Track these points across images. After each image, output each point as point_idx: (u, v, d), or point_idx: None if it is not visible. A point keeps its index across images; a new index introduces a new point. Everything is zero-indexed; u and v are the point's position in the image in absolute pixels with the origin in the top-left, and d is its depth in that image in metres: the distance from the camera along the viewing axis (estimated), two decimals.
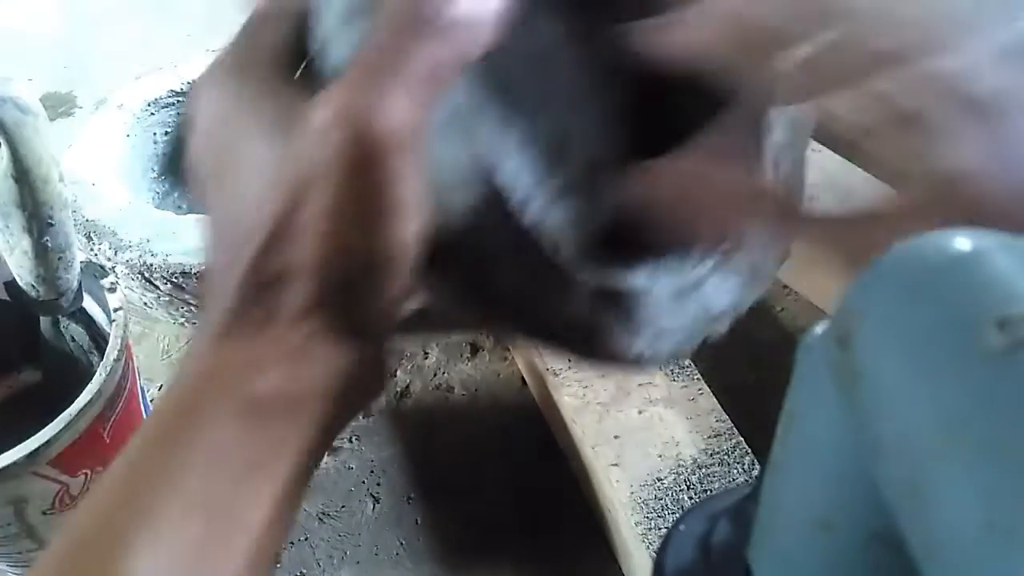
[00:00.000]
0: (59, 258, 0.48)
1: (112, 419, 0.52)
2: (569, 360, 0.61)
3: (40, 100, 0.44)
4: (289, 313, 0.24)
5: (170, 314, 0.68)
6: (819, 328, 0.23)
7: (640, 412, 0.59)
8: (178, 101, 0.80)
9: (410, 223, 0.23)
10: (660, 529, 0.52)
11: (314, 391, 0.24)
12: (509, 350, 0.71)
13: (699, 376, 0.61)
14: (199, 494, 0.22)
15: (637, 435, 0.57)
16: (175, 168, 0.82)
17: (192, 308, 0.66)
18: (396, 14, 0.23)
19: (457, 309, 0.29)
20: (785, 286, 0.77)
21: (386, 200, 0.22)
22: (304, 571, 0.59)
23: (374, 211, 0.23)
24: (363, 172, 0.22)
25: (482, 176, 0.25)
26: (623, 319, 0.29)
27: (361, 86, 0.22)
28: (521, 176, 0.26)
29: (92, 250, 0.64)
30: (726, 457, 0.56)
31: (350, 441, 0.66)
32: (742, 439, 0.57)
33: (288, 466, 0.23)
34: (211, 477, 0.22)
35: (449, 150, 0.25)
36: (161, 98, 0.78)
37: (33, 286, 0.50)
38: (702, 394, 0.60)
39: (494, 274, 0.27)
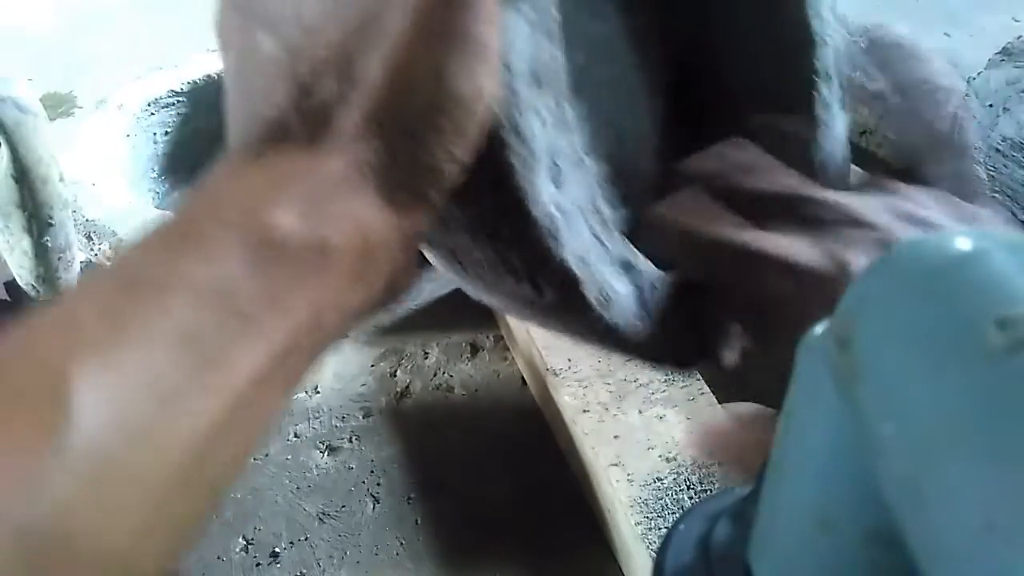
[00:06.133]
0: (59, 258, 0.48)
1: None
2: (569, 360, 0.61)
3: (40, 100, 0.44)
4: (331, 139, 0.21)
5: None
6: (819, 328, 0.23)
7: (640, 412, 0.59)
8: (178, 101, 0.80)
9: (487, 71, 0.21)
10: (660, 529, 0.52)
11: (337, 242, 0.20)
12: (509, 350, 0.71)
13: (699, 376, 0.61)
14: (180, 324, 0.19)
15: (637, 435, 0.57)
16: (175, 168, 0.82)
17: None
18: None
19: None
20: None
21: (467, 36, 0.20)
22: (304, 571, 0.59)
23: (452, 43, 0.20)
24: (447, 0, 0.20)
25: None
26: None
27: None
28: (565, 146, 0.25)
29: (92, 250, 0.64)
30: None
31: (350, 441, 0.66)
32: None
33: (291, 319, 0.20)
34: (199, 308, 0.19)
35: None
36: (161, 98, 0.79)
37: (33, 286, 0.50)
38: (702, 394, 0.60)
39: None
